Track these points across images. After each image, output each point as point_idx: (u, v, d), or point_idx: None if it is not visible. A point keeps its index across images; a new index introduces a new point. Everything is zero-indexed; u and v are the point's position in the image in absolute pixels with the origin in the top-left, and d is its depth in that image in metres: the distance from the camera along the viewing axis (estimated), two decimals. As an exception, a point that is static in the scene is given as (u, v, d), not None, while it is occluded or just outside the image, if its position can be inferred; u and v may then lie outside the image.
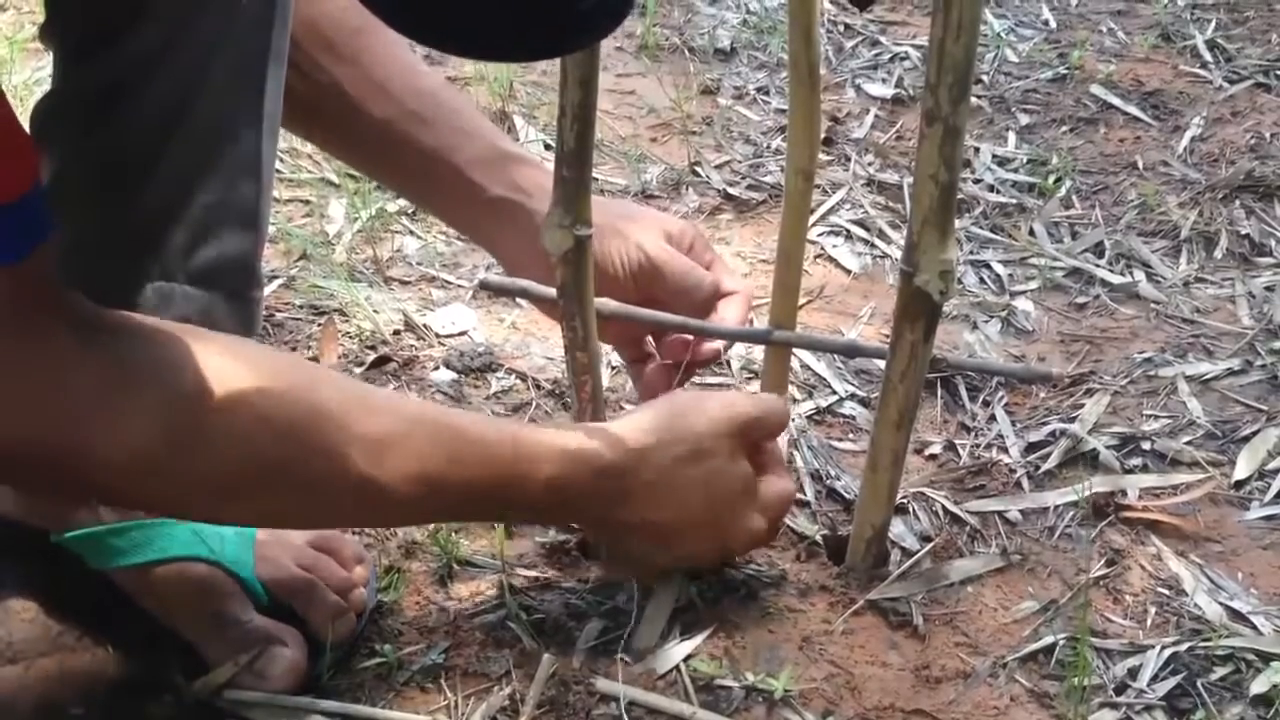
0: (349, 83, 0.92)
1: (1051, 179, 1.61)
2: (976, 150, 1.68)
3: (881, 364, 0.92)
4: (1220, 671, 0.89)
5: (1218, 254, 1.46)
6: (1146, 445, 1.12)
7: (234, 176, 0.80)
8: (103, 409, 0.65)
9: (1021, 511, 1.05)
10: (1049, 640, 0.91)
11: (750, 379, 1.18)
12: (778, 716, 0.84)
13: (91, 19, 0.76)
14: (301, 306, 1.28)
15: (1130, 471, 1.09)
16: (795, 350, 1.22)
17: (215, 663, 0.84)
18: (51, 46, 0.79)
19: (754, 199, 1.54)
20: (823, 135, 1.70)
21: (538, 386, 1.17)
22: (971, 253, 1.45)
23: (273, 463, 0.71)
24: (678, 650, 0.89)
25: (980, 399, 1.19)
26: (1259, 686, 0.87)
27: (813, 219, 1.49)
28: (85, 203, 0.79)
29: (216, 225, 0.80)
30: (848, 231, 1.49)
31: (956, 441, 1.13)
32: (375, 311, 1.26)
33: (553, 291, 0.88)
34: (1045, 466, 1.10)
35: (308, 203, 1.49)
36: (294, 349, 1.21)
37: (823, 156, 1.66)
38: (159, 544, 0.85)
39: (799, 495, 1.04)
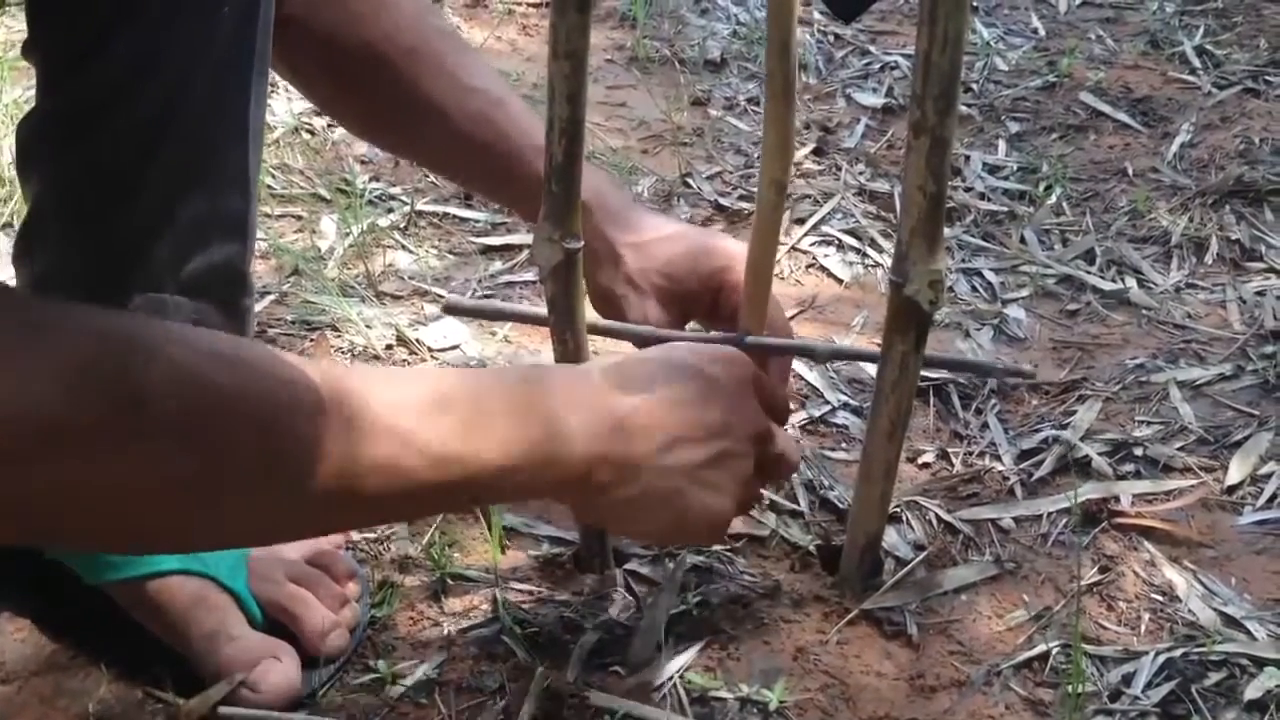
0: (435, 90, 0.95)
1: (1042, 186, 1.61)
2: (967, 158, 1.68)
3: (873, 370, 0.93)
4: (1215, 677, 0.89)
5: (1208, 259, 1.46)
6: (1139, 451, 1.12)
7: (221, 186, 0.80)
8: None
9: (1015, 519, 1.05)
10: (1043, 648, 0.91)
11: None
12: (773, 728, 0.84)
13: (72, 35, 0.76)
14: (293, 322, 1.28)
15: (1123, 478, 1.09)
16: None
17: (209, 678, 0.84)
18: (34, 63, 0.79)
19: (745, 209, 1.54)
20: (813, 145, 1.71)
21: (531, 399, 1.17)
22: (963, 261, 1.46)
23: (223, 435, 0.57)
24: (672, 663, 0.88)
25: (973, 407, 1.19)
26: (1253, 692, 0.87)
27: (804, 228, 1.50)
28: (73, 218, 0.79)
29: (205, 235, 0.80)
30: (839, 241, 1.49)
31: (949, 450, 1.13)
32: (367, 327, 1.26)
33: (520, 309, 0.88)
34: (1038, 474, 1.10)
35: (299, 218, 1.49)
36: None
37: (814, 166, 1.67)
38: (153, 558, 0.85)
39: (793, 506, 1.05)
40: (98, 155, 0.77)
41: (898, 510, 1.03)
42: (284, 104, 1.67)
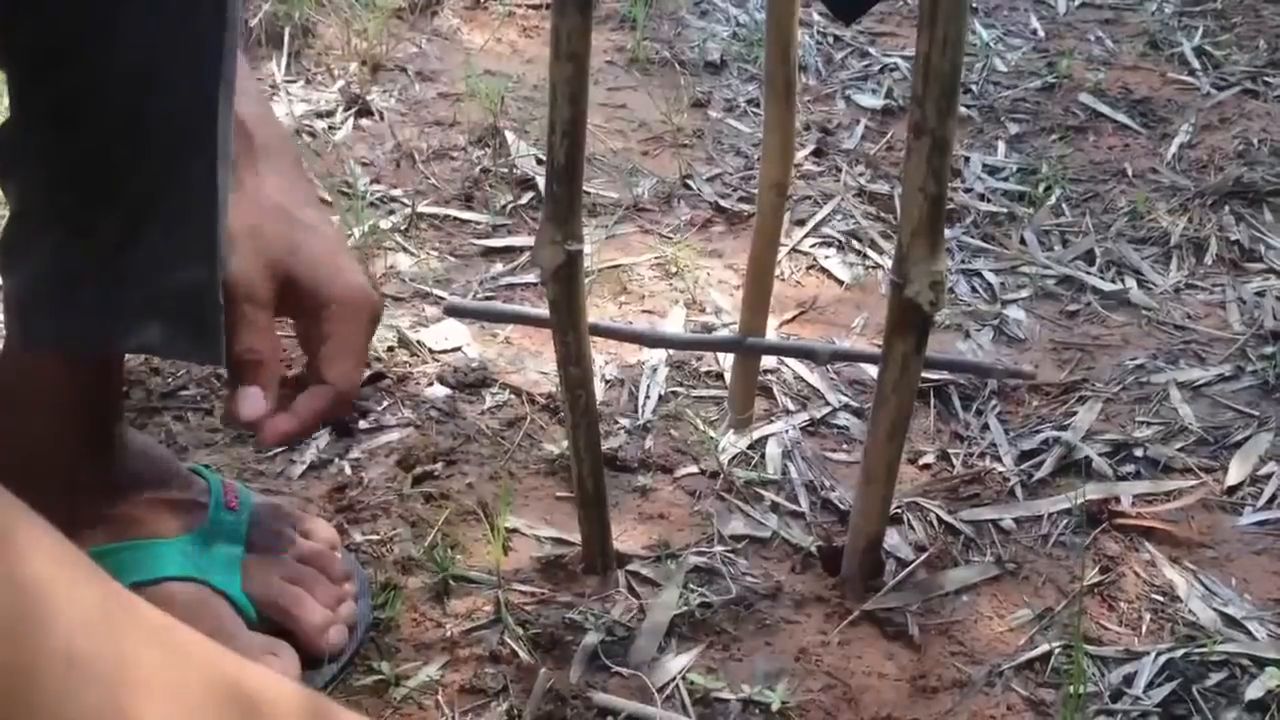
0: None
1: (1042, 187, 1.62)
2: (966, 159, 1.69)
3: (874, 372, 0.93)
4: (1215, 677, 0.89)
5: (1208, 260, 1.46)
6: (1139, 452, 1.12)
7: (192, 201, 0.79)
8: None
9: (1015, 520, 1.05)
10: (1044, 648, 0.91)
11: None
12: (775, 728, 0.85)
13: (42, 41, 0.75)
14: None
15: (1123, 478, 1.10)
16: (785, 361, 1.23)
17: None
18: (4, 70, 0.79)
19: (745, 211, 1.55)
20: (813, 147, 1.71)
21: (532, 401, 1.17)
22: (963, 262, 1.46)
23: None
24: (675, 663, 0.89)
25: (973, 408, 1.19)
26: (1254, 692, 0.88)
27: (804, 230, 1.50)
28: (47, 233, 0.79)
29: (176, 250, 0.79)
30: (840, 242, 1.49)
31: (950, 451, 1.13)
32: (369, 328, 1.26)
33: (522, 310, 0.88)
34: (1039, 475, 1.10)
35: (300, 220, 1.49)
36: (289, 367, 1.21)
37: (813, 167, 1.67)
38: (148, 565, 0.85)
39: (794, 507, 1.05)
40: (71, 165, 0.77)
41: (899, 511, 1.03)
42: (284, 106, 1.67)
